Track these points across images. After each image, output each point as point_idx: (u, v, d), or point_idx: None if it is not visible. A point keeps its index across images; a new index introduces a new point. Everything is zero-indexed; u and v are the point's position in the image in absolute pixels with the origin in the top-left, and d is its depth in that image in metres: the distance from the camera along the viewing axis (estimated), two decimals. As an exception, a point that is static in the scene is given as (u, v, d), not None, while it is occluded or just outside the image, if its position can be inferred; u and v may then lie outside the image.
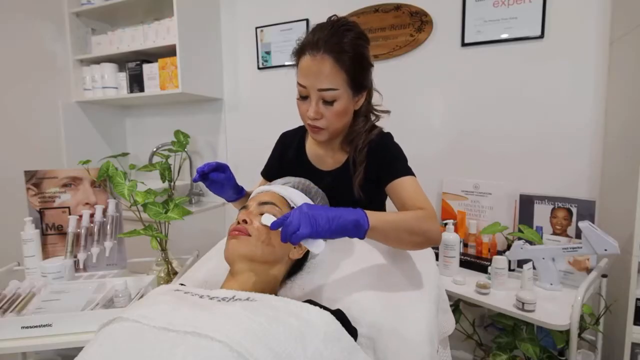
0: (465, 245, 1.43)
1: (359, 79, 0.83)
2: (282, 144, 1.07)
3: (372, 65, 0.87)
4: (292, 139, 1.04)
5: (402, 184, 0.85)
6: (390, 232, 0.71)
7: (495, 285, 1.17)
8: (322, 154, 0.97)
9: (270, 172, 1.06)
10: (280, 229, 0.63)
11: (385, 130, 0.96)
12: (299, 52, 0.82)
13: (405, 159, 0.91)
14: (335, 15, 0.84)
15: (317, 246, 0.64)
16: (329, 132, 0.87)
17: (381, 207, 1.02)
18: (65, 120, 1.95)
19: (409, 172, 0.88)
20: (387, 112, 0.95)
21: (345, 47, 0.78)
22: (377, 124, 0.96)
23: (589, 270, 1.15)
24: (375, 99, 0.94)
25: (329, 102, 0.82)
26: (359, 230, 0.66)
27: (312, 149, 0.99)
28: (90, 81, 1.99)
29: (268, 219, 0.69)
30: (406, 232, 0.73)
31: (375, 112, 0.94)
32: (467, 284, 1.22)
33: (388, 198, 0.96)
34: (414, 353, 0.65)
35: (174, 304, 0.57)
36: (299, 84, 0.83)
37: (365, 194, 0.90)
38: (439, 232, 0.77)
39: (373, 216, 0.67)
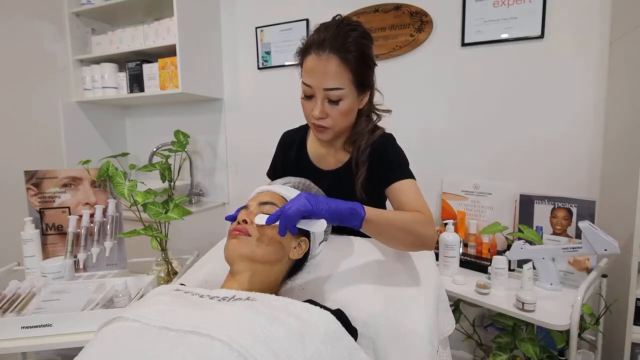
0: (465, 245, 1.43)
1: (363, 78, 0.83)
2: (283, 144, 1.07)
3: (376, 65, 0.87)
4: (293, 138, 1.04)
5: (401, 187, 0.86)
6: (385, 226, 0.72)
7: (495, 285, 1.17)
8: (324, 154, 0.97)
9: (275, 172, 1.07)
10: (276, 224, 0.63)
11: (386, 130, 0.96)
12: (304, 52, 0.82)
13: (406, 162, 0.92)
14: (339, 14, 0.84)
15: (318, 225, 0.61)
16: (334, 132, 0.87)
17: (381, 208, 1.02)
18: (65, 120, 1.95)
19: (409, 175, 0.88)
20: (389, 111, 0.95)
21: (350, 47, 0.78)
22: (378, 123, 0.96)
23: (589, 270, 1.15)
24: (376, 99, 0.94)
25: (334, 102, 0.82)
26: (355, 217, 0.67)
27: (313, 148, 0.99)
28: (90, 81, 1.99)
29: (261, 218, 0.67)
30: (401, 231, 0.74)
31: (377, 112, 0.95)
32: (467, 284, 1.22)
33: (388, 200, 0.96)
34: (414, 353, 0.65)
35: (174, 304, 0.57)
36: (304, 83, 0.82)
37: (366, 194, 0.90)
38: (434, 237, 0.78)
39: (370, 209, 0.69)
